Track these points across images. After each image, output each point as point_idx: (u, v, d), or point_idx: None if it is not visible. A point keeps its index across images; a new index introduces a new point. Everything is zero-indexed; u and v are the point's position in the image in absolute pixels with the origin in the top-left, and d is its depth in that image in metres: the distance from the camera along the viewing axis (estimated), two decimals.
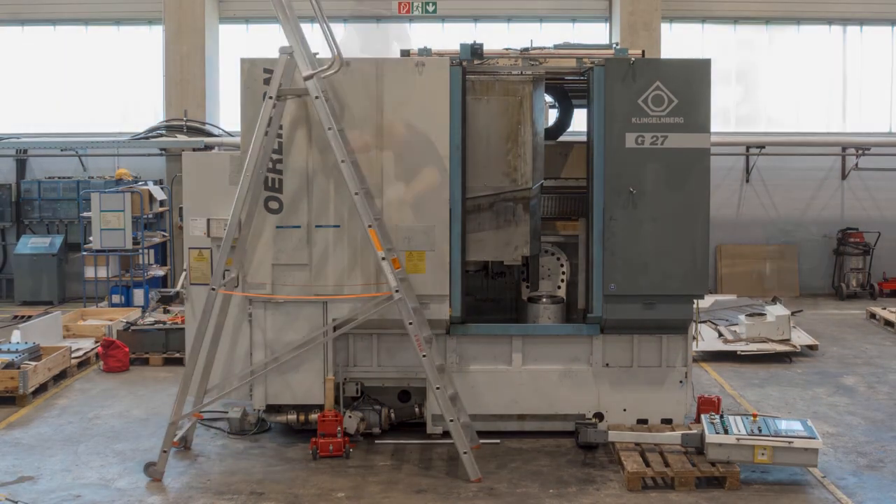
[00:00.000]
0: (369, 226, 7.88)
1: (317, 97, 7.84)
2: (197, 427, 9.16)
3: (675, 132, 8.39)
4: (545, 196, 9.64)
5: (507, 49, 9.14)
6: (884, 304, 15.66)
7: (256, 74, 8.39)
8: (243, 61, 8.49)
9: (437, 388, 7.90)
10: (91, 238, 15.19)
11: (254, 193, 8.10)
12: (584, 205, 9.06)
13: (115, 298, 15.24)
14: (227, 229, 8.01)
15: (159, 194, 16.40)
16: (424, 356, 7.89)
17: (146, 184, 16.28)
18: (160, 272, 16.28)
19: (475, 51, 8.60)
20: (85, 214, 15.87)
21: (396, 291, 7.87)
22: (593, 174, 8.60)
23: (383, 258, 7.87)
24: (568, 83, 9.72)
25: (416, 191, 8.45)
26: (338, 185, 8.29)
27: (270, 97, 7.87)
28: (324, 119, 7.85)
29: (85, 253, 15.42)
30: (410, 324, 7.89)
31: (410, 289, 8.25)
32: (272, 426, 9.07)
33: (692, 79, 8.43)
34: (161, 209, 16.58)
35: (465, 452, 7.81)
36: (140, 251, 15.39)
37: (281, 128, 8.36)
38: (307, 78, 7.82)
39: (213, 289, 7.98)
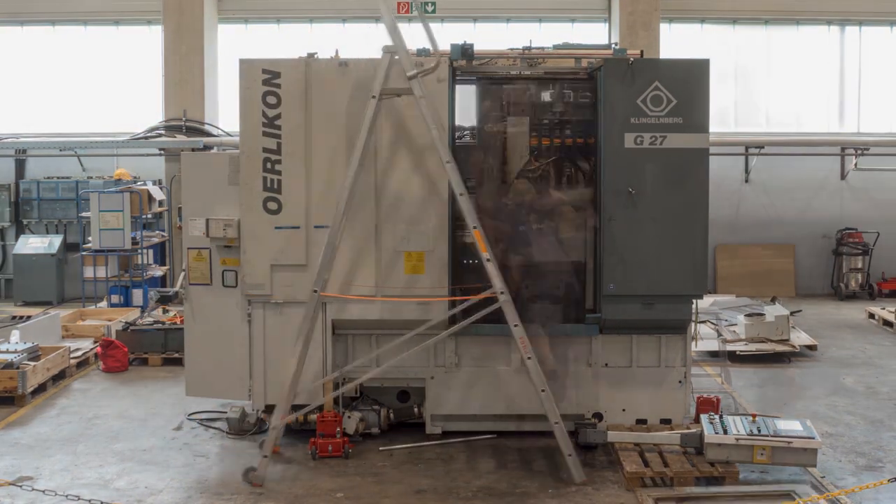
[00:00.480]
0: (474, 227, 7.77)
1: (421, 97, 7.77)
2: (196, 427, 9.17)
3: (674, 132, 8.37)
4: None
5: (511, 49, 9.12)
6: (883, 304, 15.68)
7: (255, 75, 8.38)
8: (242, 62, 8.48)
9: (543, 392, 7.80)
10: (90, 238, 15.18)
11: (352, 192, 7.94)
12: None
13: (114, 298, 15.23)
14: (329, 231, 7.87)
15: (158, 194, 16.39)
16: (529, 358, 7.81)
17: (145, 184, 16.25)
18: (159, 272, 16.27)
19: (465, 51, 8.54)
20: (84, 214, 15.87)
21: (502, 294, 7.78)
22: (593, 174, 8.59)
23: (488, 259, 7.75)
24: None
25: (415, 191, 8.44)
26: (336, 187, 8.27)
27: (374, 96, 7.82)
28: (428, 119, 7.76)
29: (84, 253, 15.41)
30: (516, 326, 7.79)
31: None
32: None
33: (691, 79, 8.41)
34: (160, 209, 16.56)
35: (569, 455, 7.75)
36: (139, 251, 15.37)
37: (280, 129, 8.36)
38: (411, 77, 7.77)
39: (315, 290, 7.85)
